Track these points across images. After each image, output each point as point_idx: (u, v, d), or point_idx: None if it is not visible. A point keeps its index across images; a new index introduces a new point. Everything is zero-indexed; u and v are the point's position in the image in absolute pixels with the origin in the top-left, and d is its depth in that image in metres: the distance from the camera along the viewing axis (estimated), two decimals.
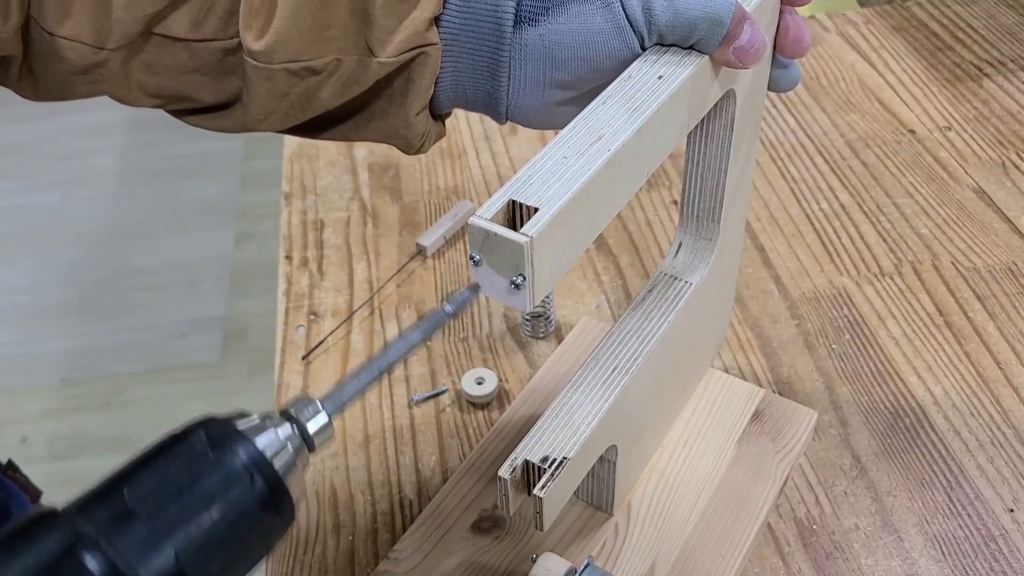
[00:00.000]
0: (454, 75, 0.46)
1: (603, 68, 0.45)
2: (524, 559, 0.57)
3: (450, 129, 0.99)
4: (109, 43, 0.42)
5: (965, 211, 0.85)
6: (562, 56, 0.44)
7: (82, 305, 2.05)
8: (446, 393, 0.71)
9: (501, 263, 0.38)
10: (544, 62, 0.45)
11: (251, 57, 0.43)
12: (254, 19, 0.42)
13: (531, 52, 0.45)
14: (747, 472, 0.62)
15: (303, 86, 0.44)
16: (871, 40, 1.09)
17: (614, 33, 0.43)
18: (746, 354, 0.73)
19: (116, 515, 0.33)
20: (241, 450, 0.35)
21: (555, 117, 0.48)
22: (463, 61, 0.45)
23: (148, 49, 0.44)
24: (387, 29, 0.43)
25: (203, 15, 0.43)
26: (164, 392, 1.84)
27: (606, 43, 0.44)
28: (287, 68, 0.43)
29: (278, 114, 0.46)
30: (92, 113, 2.58)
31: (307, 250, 0.85)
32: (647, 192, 0.89)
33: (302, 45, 0.43)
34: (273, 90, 0.44)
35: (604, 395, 0.51)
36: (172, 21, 0.43)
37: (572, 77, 0.45)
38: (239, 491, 0.35)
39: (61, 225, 2.28)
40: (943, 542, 0.60)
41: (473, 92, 0.47)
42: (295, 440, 0.37)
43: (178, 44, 0.44)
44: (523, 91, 0.46)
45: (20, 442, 1.76)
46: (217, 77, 0.45)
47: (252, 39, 0.42)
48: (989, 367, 0.71)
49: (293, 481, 0.36)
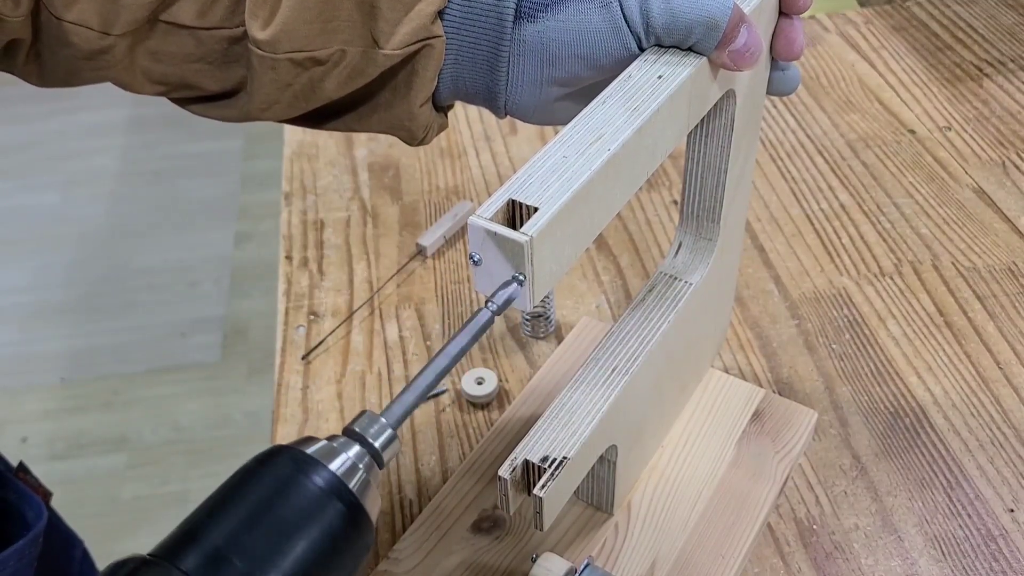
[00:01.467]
0: (455, 68, 0.46)
1: (600, 66, 0.45)
2: (524, 559, 0.57)
3: (450, 129, 0.99)
4: (115, 29, 0.42)
5: (965, 211, 0.85)
6: (560, 53, 0.44)
7: (82, 305, 2.05)
8: (446, 393, 0.71)
9: (501, 263, 0.38)
10: (542, 59, 0.45)
11: (256, 46, 0.43)
12: (260, 8, 0.43)
13: (530, 48, 0.45)
14: (747, 472, 0.62)
15: (307, 76, 0.44)
16: (871, 40, 1.09)
17: (611, 32, 0.44)
18: (746, 354, 0.73)
19: (208, 558, 0.32)
20: (317, 477, 0.35)
21: (553, 113, 0.48)
22: (464, 55, 0.46)
23: (154, 36, 0.44)
24: (393, 21, 0.43)
25: (209, 3, 0.43)
26: (164, 392, 1.84)
27: (603, 42, 0.44)
28: (291, 58, 0.43)
29: (281, 104, 0.46)
30: (92, 113, 2.58)
31: (307, 250, 0.85)
32: (647, 192, 0.89)
33: (307, 35, 0.43)
34: (277, 80, 0.44)
35: (604, 395, 0.51)
36: (178, 8, 0.43)
37: (569, 74, 0.45)
38: (323, 518, 0.34)
39: (61, 225, 2.28)
40: (943, 542, 0.60)
41: (473, 85, 0.47)
42: (365, 459, 0.37)
43: (184, 31, 0.44)
44: (521, 86, 0.46)
45: (20, 442, 1.76)
46: (221, 66, 0.45)
47: (257, 28, 0.43)
48: (989, 367, 0.71)
49: (370, 500, 0.36)
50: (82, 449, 1.74)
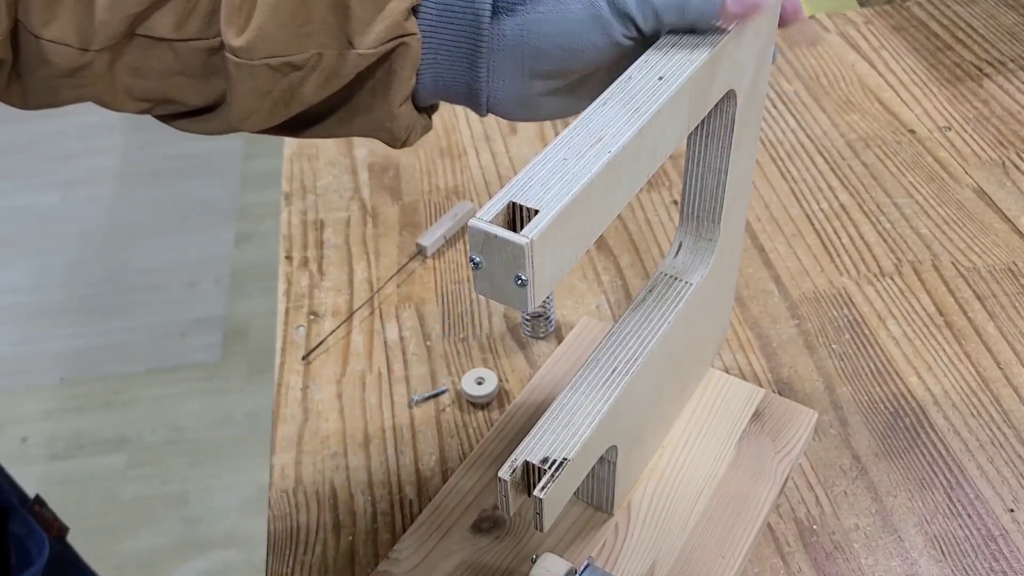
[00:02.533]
0: (433, 66, 0.46)
1: (582, 58, 0.44)
2: (524, 559, 0.58)
3: (450, 129, 0.99)
4: (93, 44, 0.43)
5: (965, 211, 0.85)
6: (541, 46, 0.44)
7: (82, 305, 2.05)
8: (446, 393, 0.71)
9: (502, 265, 0.38)
10: (523, 52, 0.45)
11: (233, 54, 0.43)
12: (235, 16, 0.43)
13: (510, 42, 0.45)
14: (747, 472, 0.62)
15: (285, 82, 0.44)
16: (871, 40, 1.09)
17: (592, 22, 0.43)
18: (746, 354, 0.73)
19: None
20: None
21: (537, 109, 0.48)
22: (442, 52, 0.45)
23: (132, 50, 0.44)
24: (365, 20, 0.43)
25: (186, 15, 0.43)
26: (164, 392, 1.84)
27: (584, 32, 0.44)
28: (268, 64, 0.43)
29: (262, 112, 0.46)
30: (92, 113, 2.56)
31: (307, 250, 0.85)
32: (647, 192, 0.89)
33: (283, 40, 0.43)
34: (256, 87, 0.44)
35: (604, 395, 0.51)
36: (155, 22, 0.43)
37: (551, 67, 0.45)
38: None
39: (61, 225, 2.28)
40: (943, 542, 0.60)
41: (453, 83, 0.47)
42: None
43: (162, 45, 0.44)
44: (503, 82, 0.46)
45: (20, 442, 1.76)
46: (202, 78, 0.45)
47: (233, 35, 0.43)
48: (989, 367, 0.71)
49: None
50: (82, 449, 1.74)
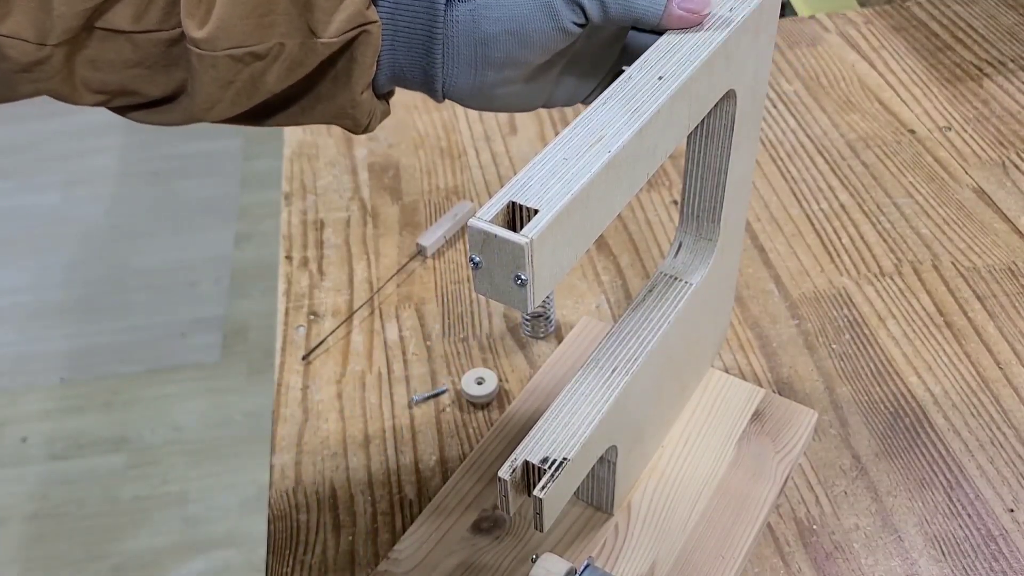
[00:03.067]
0: (391, 53, 0.47)
1: (532, 45, 0.45)
2: (524, 559, 0.58)
3: (450, 129, 0.99)
4: (51, 39, 0.42)
5: (965, 211, 0.85)
6: (491, 31, 0.45)
7: (82, 305, 2.05)
8: (446, 393, 0.71)
9: (501, 265, 0.38)
10: (475, 38, 0.45)
11: (194, 46, 0.43)
12: (195, 8, 0.43)
13: (463, 28, 0.45)
14: (747, 472, 0.62)
15: (248, 72, 0.45)
16: (871, 40, 1.09)
17: (542, 9, 0.44)
18: (746, 354, 0.73)
19: None
20: None
21: (493, 100, 0.49)
22: (400, 39, 0.46)
23: (91, 44, 0.44)
24: (328, 10, 0.44)
25: (144, 7, 0.43)
26: (164, 392, 1.84)
27: (534, 18, 0.44)
28: (231, 55, 0.44)
29: (224, 102, 0.46)
30: (92, 113, 2.58)
31: (307, 250, 0.85)
32: (647, 192, 0.89)
33: (244, 31, 0.43)
34: (218, 78, 0.44)
35: (604, 395, 0.51)
36: (113, 14, 0.43)
37: (502, 54, 0.46)
38: None
39: (61, 225, 2.28)
40: (943, 542, 0.60)
41: (410, 70, 0.47)
42: None
43: (120, 37, 0.44)
44: (457, 69, 0.47)
45: (20, 442, 1.76)
46: (161, 70, 0.45)
47: (194, 27, 0.43)
48: (989, 367, 0.71)
49: None
50: (82, 449, 1.74)
